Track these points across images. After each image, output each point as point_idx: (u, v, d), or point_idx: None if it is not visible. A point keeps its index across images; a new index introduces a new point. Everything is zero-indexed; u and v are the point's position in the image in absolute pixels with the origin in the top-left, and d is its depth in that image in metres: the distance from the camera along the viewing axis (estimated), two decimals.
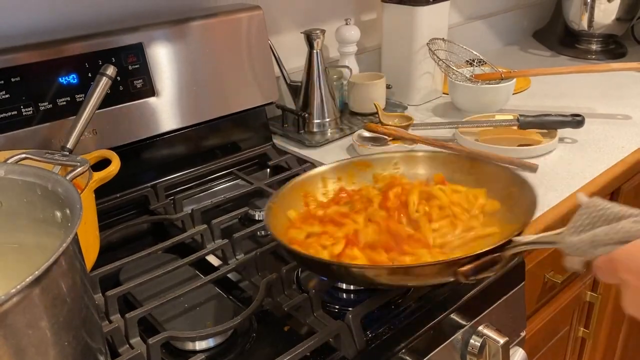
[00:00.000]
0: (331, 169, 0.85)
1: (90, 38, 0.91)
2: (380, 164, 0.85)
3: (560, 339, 1.12)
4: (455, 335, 0.72)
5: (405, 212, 0.74)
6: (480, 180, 0.78)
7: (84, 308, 0.45)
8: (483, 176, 0.79)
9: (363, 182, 0.84)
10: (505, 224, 0.70)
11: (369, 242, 0.69)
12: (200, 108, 1.04)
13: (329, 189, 0.83)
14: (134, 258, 0.78)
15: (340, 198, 0.80)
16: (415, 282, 0.66)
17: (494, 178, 0.78)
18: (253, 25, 1.08)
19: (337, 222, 0.73)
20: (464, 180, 0.80)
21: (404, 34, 1.32)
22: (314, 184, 0.83)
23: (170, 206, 0.95)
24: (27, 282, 0.37)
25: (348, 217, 0.73)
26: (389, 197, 0.75)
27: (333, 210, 0.76)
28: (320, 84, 1.19)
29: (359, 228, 0.70)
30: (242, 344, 0.68)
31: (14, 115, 0.84)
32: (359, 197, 0.78)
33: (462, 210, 0.73)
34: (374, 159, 0.86)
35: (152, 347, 0.62)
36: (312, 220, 0.75)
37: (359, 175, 0.85)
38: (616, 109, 1.29)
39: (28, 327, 0.38)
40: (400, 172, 0.85)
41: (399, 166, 0.85)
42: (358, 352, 0.64)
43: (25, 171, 0.53)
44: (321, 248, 0.69)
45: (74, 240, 0.45)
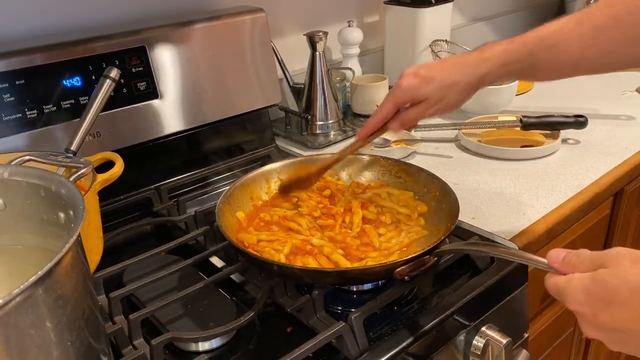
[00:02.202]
0: (274, 170, 0.92)
1: (93, 41, 0.91)
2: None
3: (565, 340, 1.11)
4: (458, 336, 0.72)
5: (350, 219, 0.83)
6: (407, 183, 0.89)
7: (87, 309, 0.45)
8: (409, 179, 0.89)
9: None
10: (433, 227, 0.80)
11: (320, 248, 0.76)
12: (203, 110, 1.04)
13: (271, 188, 0.91)
14: (137, 259, 0.78)
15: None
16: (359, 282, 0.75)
17: (419, 182, 0.88)
18: (256, 28, 1.09)
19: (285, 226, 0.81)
20: (392, 182, 0.91)
21: (406, 36, 1.32)
22: (259, 183, 0.90)
23: (174, 208, 0.96)
24: (31, 282, 0.37)
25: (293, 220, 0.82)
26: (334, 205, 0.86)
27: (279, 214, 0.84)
28: (323, 85, 1.20)
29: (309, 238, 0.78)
30: (245, 344, 0.68)
31: (19, 118, 0.85)
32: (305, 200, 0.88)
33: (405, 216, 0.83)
34: (313, 160, 0.93)
35: (155, 348, 0.62)
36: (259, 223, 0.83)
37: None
38: (619, 109, 1.28)
39: (31, 327, 0.39)
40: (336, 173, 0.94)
41: (334, 168, 0.92)
42: (360, 353, 0.64)
43: (29, 173, 0.53)
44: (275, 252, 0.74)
45: (77, 241, 0.46)
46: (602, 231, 1.12)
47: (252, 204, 0.87)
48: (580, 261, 0.50)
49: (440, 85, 0.75)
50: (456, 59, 0.78)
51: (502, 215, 0.90)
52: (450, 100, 0.76)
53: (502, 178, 1.01)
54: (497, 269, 0.77)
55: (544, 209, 0.91)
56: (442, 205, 0.81)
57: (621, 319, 0.46)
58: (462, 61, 0.76)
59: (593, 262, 0.49)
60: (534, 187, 0.97)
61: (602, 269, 0.47)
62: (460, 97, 0.77)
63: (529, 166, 1.05)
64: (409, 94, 0.76)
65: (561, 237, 0.95)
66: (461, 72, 0.75)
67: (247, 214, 0.85)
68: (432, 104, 0.76)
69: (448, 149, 1.15)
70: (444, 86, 0.75)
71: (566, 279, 0.50)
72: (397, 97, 0.78)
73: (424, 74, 0.75)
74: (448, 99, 0.76)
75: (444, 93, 0.75)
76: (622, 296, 0.45)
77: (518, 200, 0.94)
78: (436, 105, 0.76)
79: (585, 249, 0.51)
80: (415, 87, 0.76)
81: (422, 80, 0.75)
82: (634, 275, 0.45)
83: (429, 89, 0.75)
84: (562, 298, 0.50)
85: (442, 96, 0.75)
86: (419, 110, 0.77)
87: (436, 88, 0.75)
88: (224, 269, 0.79)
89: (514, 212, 0.90)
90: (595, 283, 0.47)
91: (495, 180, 1.01)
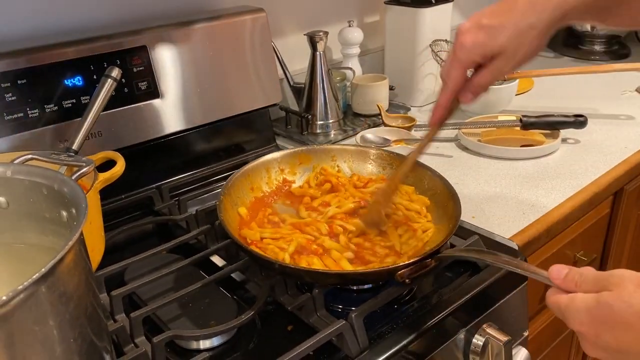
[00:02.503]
0: (274, 159, 0.91)
1: (95, 41, 0.91)
2: (319, 156, 0.93)
3: (564, 340, 1.12)
4: (457, 334, 0.72)
5: None
6: (409, 178, 0.86)
7: (89, 306, 0.46)
8: (411, 174, 0.86)
9: (305, 173, 0.92)
10: (436, 223, 0.79)
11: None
12: (204, 110, 1.05)
13: (272, 178, 0.90)
14: (138, 258, 0.79)
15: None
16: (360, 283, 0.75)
17: (421, 177, 0.86)
18: (257, 28, 1.09)
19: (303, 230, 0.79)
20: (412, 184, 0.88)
21: (406, 36, 1.32)
22: (259, 173, 0.89)
23: (175, 207, 0.96)
24: (34, 279, 0.37)
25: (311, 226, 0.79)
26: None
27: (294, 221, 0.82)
28: (323, 85, 1.20)
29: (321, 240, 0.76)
30: (246, 343, 0.69)
31: (20, 117, 0.85)
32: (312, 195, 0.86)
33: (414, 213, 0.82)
34: (314, 151, 0.93)
35: (156, 345, 0.63)
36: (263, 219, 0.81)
37: (300, 167, 0.92)
38: (619, 109, 1.29)
39: (35, 323, 0.39)
40: (336, 164, 0.93)
41: (335, 159, 0.93)
42: (361, 351, 0.65)
43: (31, 171, 0.53)
44: (279, 250, 0.73)
45: (80, 239, 0.46)
46: (602, 230, 1.12)
47: (253, 195, 0.87)
48: (583, 280, 0.50)
49: (515, 31, 0.61)
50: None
51: (502, 214, 0.90)
52: (528, 47, 0.63)
53: (502, 177, 1.02)
54: (497, 267, 0.78)
55: (543, 208, 0.91)
56: (444, 203, 0.80)
57: (625, 341, 0.46)
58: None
59: (596, 283, 0.48)
60: (533, 187, 0.98)
61: (607, 292, 0.47)
62: (540, 41, 0.63)
63: (529, 165, 1.05)
64: (478, 52, 0.63)
65: (561, 236, 0.95)
66: (538, 9, 0.61)
67: (249, 207, 0.84)
68: (509, 57, 0.63)
69: (448, 148, 1.15)
70: (520, 32, 0.61)
71: (569, 298, 0.49)
72: (464, 60, 0.64)
73: (490, 23, 0.62)
74: (526, 47, 0.62)
75: (521, 40, 0.62)
76: (626, 320, 0.45)
77: (518, 199, 0.94)
78: (514, 58, 0.63)
79: (589, 267, 0.51)
80: (483, 43, 0.62)
81: (490, 30, 0.62)
82: (639, 299, 0.45)
83: (502, 39, 0.62)
84: (564, 317, 0.50)
85: (519, 45, 0.62)
86: (494, 69, 0.64)
87: (510, 37, 0.61)
88: (224, 267, 0.79)
89: (513, 211, 0.91)
90: (599, 306, 0.47)
91: (495, 179, 1.01)
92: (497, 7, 0.63)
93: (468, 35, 0.63)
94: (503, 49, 0.62)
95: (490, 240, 0.84)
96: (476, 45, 0.63)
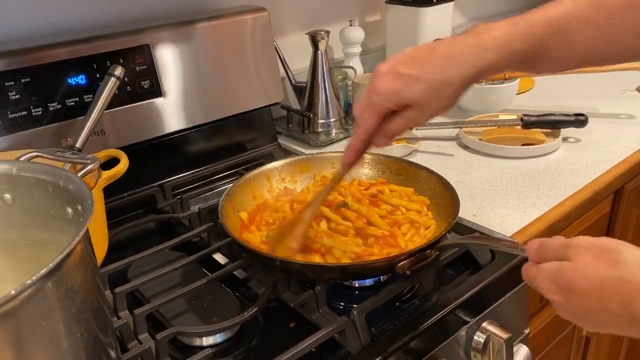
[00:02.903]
0: (275, 168, 0.92)
1: (98, 39, 0.92)
2: (319, 164, 0.94)
3: (565, 338, 1.12)
4: (459, 331, 0.73)
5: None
6: (408, 180, 0.89)
7: (95, 301, 0.46)
8: (410, 176, 0.89)
9: (306, 181, 0.93)
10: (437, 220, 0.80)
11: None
12: (206, 108, 1.05)
13: (273, 187, 0.91)
14: (141, 256, 0.79)
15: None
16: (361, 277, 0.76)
17: (419, 179, 0.87)
18: (258, 27, 1.09)
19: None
20: (392, 179, 0.91)
21: (407, 35, 1.33)
22: (260, 182, 0.90)
23: (177, 205, 0.96)
24: (42, 274, 0.38)
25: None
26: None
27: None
28: (325, 84, 1.20)
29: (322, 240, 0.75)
30: (249, 339, 0.69)
31: (24, 116, 0.86)
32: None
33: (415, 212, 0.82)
34: (314, 159, 0.94)
35: (160, 342, 0.63)
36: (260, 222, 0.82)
37: (301, 175, 0.93)
38: (620, 108, 1.29)
39: (42, 318, 0.39)
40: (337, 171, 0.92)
41: (335, 166, 0.92)
42: (363, 348, 0.65)
43: (37, 169, 0.54)
44: None
45: (86, 235, 0.46)
46: (602, 229, 1.13)
47: (255, 203, 0.87)
48: (548, 252, 0.53)
49: (429, 86, 0.59)
50: (446, 46, 0.60)
51: (503, 212, 0.91)
52: (442, 101, 0.61)
53: (503, 176, 1.02)
54: (498, 265, 0.78)
55: (544, 206, 0.91)
56: (443, 200, 0.81)
57: (588, 307, 0.49)
58: (454, 50, 0.60)
59: (559, 253, 0.52)
60: (534, 185, 0.98)
61: (566, 262, 0.50)
62: (455, 97, 0.62)
63: (530, 164, 1.06)
64: (391, 99, 0.61)
65: (561, 235, 0.95)
66: (454, 65, 0.60)
67: (250, 212, 0.85)
68: (422, 109, 0.61)
69: (449, 147, 1.16)
70: (434, 87, 0.60)
71: (537, 269, 0.53)
72: (377, 106, 0.62)
73: (407, 72, 0.59)
74: (440, 101, 0.61)
75: (435, 95, 0.60)
76: (585, 289, 0.49)
77: (519, 198, 0.95)
78: (427, 111, 0.61)
79: (557, 236, 0.54)
80: (397, 91, 0.60)
81: (406, 80, 0.59)
82: (594, 271, 0.48)
83: (415, 91, 0.59)
84: (536, 287, 0.54)
85: (433, 98, 0.60)
86: (406, 119, 0.62)
87: (424, 90, 0.59)
88: (227, 265, 0.80)
89: (514, 210, 0.91)
90: (560, 276, 0.50)
91: (496, 178, 1.02)
92: (415, 54, 0.61)
93: (383, 80, 0.61)
94: (416, 101, 0.60)
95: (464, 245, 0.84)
96: (390, 93, 0.60)
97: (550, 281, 0.51)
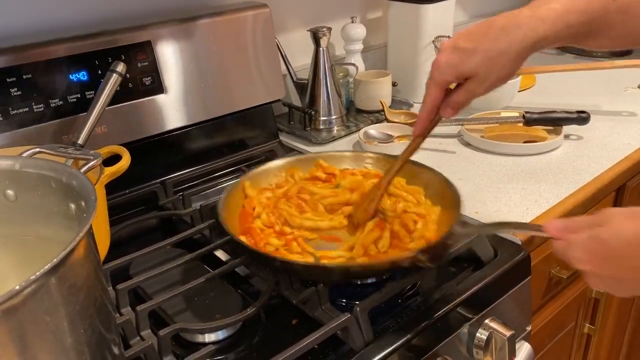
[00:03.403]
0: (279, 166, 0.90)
1: (100, 36, 0.92)
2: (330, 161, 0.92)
3: (566, 335, 1.12)
4: (461, 328, 0.73)
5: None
6: (414, 179, 0.86)
7: (98, 297, 0.46)
8: (415, 175, 0.86)
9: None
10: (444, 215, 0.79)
11: None
12: (208, 105, 1.05)
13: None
14: (143, 252, 0.79)
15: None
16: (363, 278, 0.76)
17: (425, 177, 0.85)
18: (260, 23, 1.09)
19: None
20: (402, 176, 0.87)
21: (409, 32, 1.33)
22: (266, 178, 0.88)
23: (179, 202, 0.96)
24: (46, 270, 0.38)
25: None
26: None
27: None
28: (326, 81, 1.20)
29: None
30: (251, 336, 0.69)
31: (26, 112, 0.86)
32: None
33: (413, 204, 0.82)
34: (326, 157, 0.92)
35: (162, 338, 0.63)
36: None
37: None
38: (621, 105, 1.29)
39: (46, 314, 0.39)
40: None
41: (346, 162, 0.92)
42: (365, 345, 0.65)
43: (39, 164, 0.54)
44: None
45: (89, 231, 0.46)
46: None
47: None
48: (577, 225, 0.54)
49: (485, 56, 0.63)
50: (503, 19, 0.65)
51: (505, 210, 0.90)
52: (500, 72, 0.64)
53: (505, 173, 1.02)
54: (501, 262, 0.78)
55: (546, 203, 0.91)
56: (445, 197, 0.81)
57: (621, 269, 0.50)
58: (510, 22, 0.64)
59: (589, 224, 0.52)
60: (536, 183, 0.98)
61: (598, 228, 0.51)
62: (512, 67, 0.65)
63: (532, 161, 1.06)
64: (451, 72, 0.65)
65: None
66: (510, 36, 0.63)
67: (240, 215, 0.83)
68: (480, 80, 0.65)
69: (451, 144, 1.15)
70: (491, 57, 0.63)
71: (566, 242, 0.54)
72: (439, 78, 0.67)
73: (465, 46, 0.64)
74: (498, 71, 0.64)
75: (492, 65, 0.64)
76: (618, 249, 0.50)
77: (521, 195, 0.94)
78: (486, 81, 0.65)
79: (582, 216, 0.56)
80: (456, 64, 0.64)
81: (464, 53, 0.64)
82: (626, 229, 0.49)
83: (474, 63, 0.64)
84: (567, 260, 0.54)
85: (490, 69, 0.64)
86: (468, 90, 0.66)
87: (482, 61, 0.63)
88: (229, 262, 0.79)
89: (516, 207, 0.91)
90: (592, 242, 0.51)
91: (498, 175, 1.02)
92: (474, 29, 0.66)
93: (443, 54, 0.66)
94: (474, 72, 0.64)
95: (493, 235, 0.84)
96: (449, 66, 0.65)
97: (582, 250, 0.52)
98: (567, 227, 0.54)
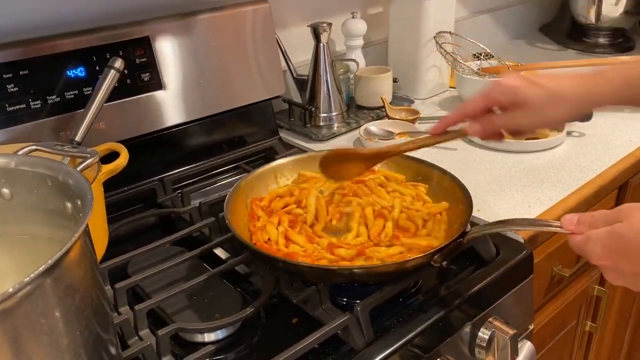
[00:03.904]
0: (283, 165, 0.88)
1: (98, 31, 0.91)
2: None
3: (568, 333, 1.12)
4: (463, 327, 0.72)
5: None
6: (419, 175, 0.86)
7: (95, 298, 0.45)
8: (420, 171, 0.86)
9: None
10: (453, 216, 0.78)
11: None
12: (207, 102, 1.04)
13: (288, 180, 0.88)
14: (142, 251, 0.78)
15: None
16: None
17: (429, 174, 0.85)
18: (260, 19, 1.08)
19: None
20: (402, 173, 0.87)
21: (410, 28, 1.31)
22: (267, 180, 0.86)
23: (178, 199, 0.96)
24: (41, 271, 0.37)
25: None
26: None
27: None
28: (326, 77, 1.19)
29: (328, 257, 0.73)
30: (251, 336, 0.68)
31: (23, 109, 0.85)
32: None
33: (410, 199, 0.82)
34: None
35: (161, 338, 0.62)
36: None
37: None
38: None
39: (41, 316, 0.39)
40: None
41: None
42: (366, 345, 0.64)
43: (35, 162, 0.53)
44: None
45: (86, 230, 0.46)
46: None
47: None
48: (595, 220, 0.54)
49: (547, 92, 0.65)
50: (571, 72, 0.69)
51: (507, 207, 0.90)
52: (555, 113, 0.66)
53: (507, 170, 1.01)
54: (503, 260, 0.77)
55: (548, 201, 0.91)
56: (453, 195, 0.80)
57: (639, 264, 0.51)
58: (576, 74, 0.67)
59: (607, 219, 0.53)
60: (538, 180, 0.97)
61: (617, 224, 0.52)
62: (567, 114, 0.67)
63: (534, 159, 1.05)
64: (509, 93, 0.66)
65: None
66: (574, 84, 0.66)
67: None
68: (532, 111, 0.66)
69: (453, 141, 1.14)
70: (551, 94, 0.65)
71: (585, 237, 0.54)
72: (493, 95, 0.67)
73: (531, 78, 0.66)
74: (553, 111, 0.66)
75: (549, 102, 0.65)
76: (637, 244, 0.50)
77: (523, 192, 0.94)
78: (537, 115, 0.66)
79: (598, 210, 0.56)
80: (518, 87, 0.65)
81: (528, 82, 0.66)
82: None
83: (534, 93, 0.65)
84: (585, 255, 0.55)
85: (547, 105, 0.65)
86: (513, 117, 0.67)
87: (542, 94, 0.65)
88: (228, 260, 0.79)
89: (519, 205, 0.90)
90: (612, 237, 0.52)
91: (500, 172, 1.01)
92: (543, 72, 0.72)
93: (508, 77, 0.67)
94: (529, 103, 0.65)
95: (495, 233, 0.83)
96: (510, 88, 0.66)
97: (601, 245, 0.52)
98: (586, 222, 0.55)
